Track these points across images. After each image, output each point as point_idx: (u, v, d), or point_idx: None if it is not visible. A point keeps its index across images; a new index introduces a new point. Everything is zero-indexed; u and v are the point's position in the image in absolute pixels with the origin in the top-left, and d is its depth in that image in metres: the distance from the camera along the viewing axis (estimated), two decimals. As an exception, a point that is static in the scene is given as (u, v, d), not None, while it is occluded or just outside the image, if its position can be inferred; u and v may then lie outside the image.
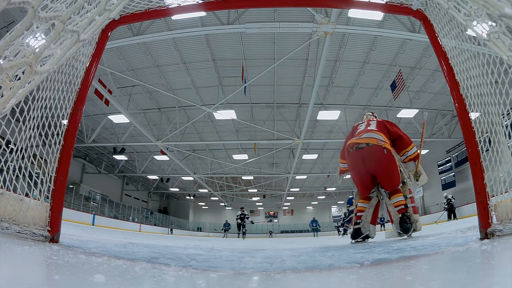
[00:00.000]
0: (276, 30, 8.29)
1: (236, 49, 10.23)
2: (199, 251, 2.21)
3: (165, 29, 8.59)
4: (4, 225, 1.20)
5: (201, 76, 11.64)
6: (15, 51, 1.04)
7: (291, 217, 36.78)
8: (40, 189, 1.44)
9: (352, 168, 3.30)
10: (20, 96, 1.05)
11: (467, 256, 1.06)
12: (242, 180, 25.90)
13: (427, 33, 1.87)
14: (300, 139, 13.20)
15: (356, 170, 3.25)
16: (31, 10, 0.81)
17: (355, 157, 3.14)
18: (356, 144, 3.14)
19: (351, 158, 3.22)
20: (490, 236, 1.33)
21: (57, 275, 0.83)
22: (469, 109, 1.61)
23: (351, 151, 3.17)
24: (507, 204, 1.33)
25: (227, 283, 0.96)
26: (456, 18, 1.40)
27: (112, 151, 16.92)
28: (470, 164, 1.53)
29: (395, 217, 3.14)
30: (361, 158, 3.09)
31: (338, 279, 0.92)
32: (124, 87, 12.23)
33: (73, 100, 1.67)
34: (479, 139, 1.53)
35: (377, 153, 3.02)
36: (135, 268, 1.07)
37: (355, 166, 3.22)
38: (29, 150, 1.40)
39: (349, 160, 3.28)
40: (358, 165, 3.18)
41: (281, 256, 1.91)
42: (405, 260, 1.27)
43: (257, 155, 17.46)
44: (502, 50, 1.10)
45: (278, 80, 11.79)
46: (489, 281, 0.70)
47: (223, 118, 13.19)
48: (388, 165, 3.07)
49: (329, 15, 7.09)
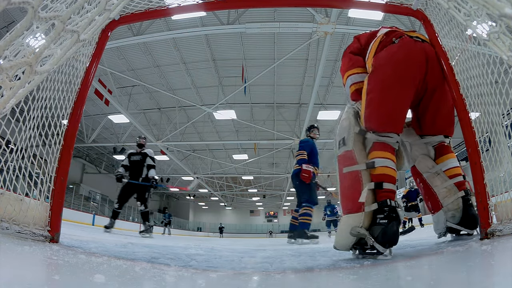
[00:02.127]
0: (276, 30, 8.30)
1: (236, 49, 10.23)
2: (199, 251, 2.21)
3: (165, 29, 8.59)
4: (4, 225, 1.20)
5: (201, 76, 11.64)
6: (15, 51, 1.04)
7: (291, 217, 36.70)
8: (40, 189, 1.44)
9: (401, 63, 1.60)
10: (20, 96, 1.05)
11: (467, 256, 1.06)
12: (242, 180, 25.89)
13: (427, 33, 1.87)
14: (300, 139, 13.19)
15: (409, 69, 1.60)
16: (31, 10, 0.81)
17: (415, 49, 1.63)
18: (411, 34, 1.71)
19: (406, 49, 1.62)
20: (490, 236, 1.33)
21: (57, 275, 0.83)
22: (469, 109, 1.61)
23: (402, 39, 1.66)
24: (507, 204, 1.33)
25: (227, 283, 0.96)
26: (456, 18, 1.41)
27: (112, 151, 16.92)
28: (470, 164, 1.53)
29: (449, 197, 1.64)
30: (424, 53, 1.64)
31: (338, 279, 0.92)
32: (124, 87, 12.23)
33: (73, 100, 1.67)
34: (479, 139, 1.53)
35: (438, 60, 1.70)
36: (135, 268, 1.07)
37: (410, 61, 1.61)
38: (29, 150, 1.40)
39: (399, 52, 1.62)
40: (416, 63, 1.62)
41: (281, 256, 1.91)
42: (405, 260, 1.27)
43: (257, 155, 17.46)
44: (502, 50, 1.10)
45: (278, 80, 11.79)
46: (489, 281, 0.70)
47: (223, 118, 13.19)
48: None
49: (329, 15, 7.10)
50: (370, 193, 1.49)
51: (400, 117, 1.64)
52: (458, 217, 1.59)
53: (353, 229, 1.46)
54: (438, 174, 1.69)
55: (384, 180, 1.50)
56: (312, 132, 4.90)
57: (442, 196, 1.66)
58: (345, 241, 1.52)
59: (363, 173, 1.55)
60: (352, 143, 1.65)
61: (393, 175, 1.54)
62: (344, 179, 1.62)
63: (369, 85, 1.66)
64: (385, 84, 1.60)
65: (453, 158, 1.74)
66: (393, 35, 1.71)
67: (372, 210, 1.46)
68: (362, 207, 1.47)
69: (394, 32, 1.74)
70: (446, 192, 1.65)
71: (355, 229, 1.45)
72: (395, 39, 1.67)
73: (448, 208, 1.63)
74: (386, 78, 1.60)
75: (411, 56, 1.61)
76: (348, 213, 1.53)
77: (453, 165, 1.71)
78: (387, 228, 1.38)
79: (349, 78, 1.89)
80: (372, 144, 1.63)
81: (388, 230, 1.37)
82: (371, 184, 1.51)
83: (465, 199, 1.59)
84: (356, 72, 1.86)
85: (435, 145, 1.77)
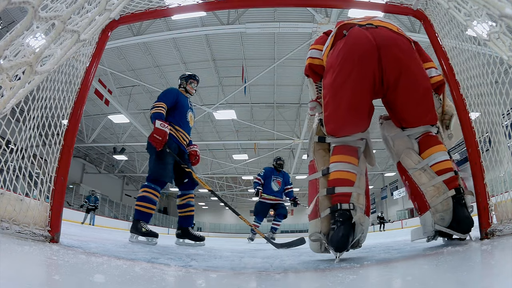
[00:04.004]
0: (276, 30, 8.30)
1: (236, 49, 10.24)
2: (199, 251, 2.21)
3: (165, 29, 8.60)
4: (4, 225, 1.20)
5: (201, 76, 11.55)
6: (15, 51, 1.04)
7: (291, 217, 36.74)
8: (40, 189, 1.44)
9: (347, 58, 1.45)
10: (20, 96, 1.05)
11: (467, 256, 1.06)
12: (242, 180, 25.89)
13: (427, 33, 1.87)
14: (300, 139, 13.20)
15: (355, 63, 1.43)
16: (31, 10, 0.81)
17: (361, 39, 1.45)
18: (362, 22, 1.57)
19: (350, 41, 1.48)
20: (490, 236, 1.33)
21: (57, 275, 0.83)
22: (469, 109, 1.61)
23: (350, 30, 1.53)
24: (507, 204, 1.33)
25: (227, 283, 0.96)
26: (457, 18, 1.41)
27: (112, 151, 16.92)
28: (470, 164, 1.53)
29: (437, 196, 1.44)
30: (373, 40, 1.42)
31: (338, 279, 0.92)
32: (124, 87, 12.24)
33: (73, 100, 1.67)
34: (479, 139, 1.53)
35: (401, 42, 1.48)
36: (135, 268, 1.07)
37: (355, 53, 1.44)
38: (29, 150, 1.40)
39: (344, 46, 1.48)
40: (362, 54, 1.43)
41: (281, 256, 1.91)
42: (405, 260, 1.27)
43: (257, 155, 17.46)
44: (502, 50, 1.10)
45: (278, 80, 11.79)
46: (489, 281, 0.70)
47: (223, 118, 13.19)
48: (420, 69, 1.52)
49: (329, 15, 7.10)
50: (325, 199, 1.49)
51: (358, 115, 1.52)
52: (448, 219, 1.40)
53: (312, 234, 1.50)
54: (424, 171, 1.49)
55: (336, 185, 1.47)
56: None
57: (430, 196, 1.46)
58: (312, 246, 1.56)
59: (320, 181, 1.55)
60: (313, 152, 1.67)
61: (347, 177, 1.47)
62: (308, 188, 1.63)
63: (324, 89, 1.59)
64: (336, 84, 1.48)
65: (441, 151, 1.51)
66: (344, 27, 1.57)
67: (327, 215, 1.46)
68: (318, 213, 1.49)
69: (346, 24, 1.60)
70: (434, 190, 1.45)
71: (314, 235, 1.49)
72: (346, 31, 1.53)
73: (436, 209, 1.44)
74: (336, 77, 1.48)
75: (357, 47, 1.44)
76: (310, 219, 1.55)
77: (441, 159, 1.49)
78: (334, 233, 1.37)
79: (309, 52, 1.77)
80: (332, 148, 1.60)
81: (334, 235, 1.37)
82: (323, 191, 1.51)
83: (456, 198, 1.40)
84: (317, 48, 1.75)
85: (419, 137, 1.58)
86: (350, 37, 1.49)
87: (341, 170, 1.49)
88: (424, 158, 1.52)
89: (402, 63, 1.44)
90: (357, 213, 1.41)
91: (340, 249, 1.35)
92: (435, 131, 1.62)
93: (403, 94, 1.49)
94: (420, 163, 1.52)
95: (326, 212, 1.47)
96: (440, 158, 1.50)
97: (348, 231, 1.36)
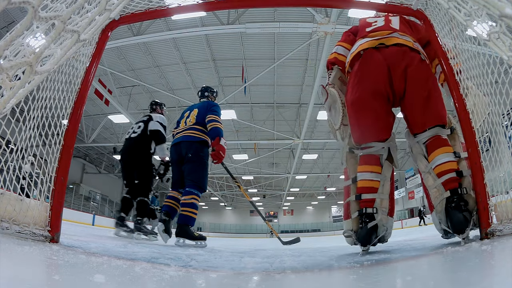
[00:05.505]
0: (276, 30, 8.30)
1: (236, 49, 10.24)
2: (199, 251, 2.21)
3: (165, 29, 8.60)
4: (4, 225, 1.20)
5: (201, 76, 11.64)
6: (15, 51, 1.04)
7: (291, 217, 36.78)
8: (40, 189, 1.44)
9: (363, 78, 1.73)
10: (20, 96, 1.05)
11: (467, 256, 1.06)
12: (242, 180, 25.90)
13: (427, 33, 1.87)
14: (300, 139, 13.21)
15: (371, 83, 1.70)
16: (32, 10, 0.81)
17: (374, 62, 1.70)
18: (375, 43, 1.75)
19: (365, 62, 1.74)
20: (490, 236, 1.33)
21: (57, 275, 0.83)
22: (469, 109, 1.61)
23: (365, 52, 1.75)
24: (507, 204, 1.33)
25: (227, 283, 0.96)
26: (457, 18, 1.40)
27: (112, 151, 16.91)
28: (470, 164, 1.53)
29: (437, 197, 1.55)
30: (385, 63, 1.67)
31: (338, 279, 0.92)
32: (124, 87, 12.24)
33: (73, 100, 1.67)
34: (479, 139, 1.53)
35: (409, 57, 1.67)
36: (135, 268, 1.07)
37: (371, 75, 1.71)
38: (29, 150, 1.40)
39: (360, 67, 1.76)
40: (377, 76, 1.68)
41: (281, 256, 1.91)
42: (405, 260, 1.27)
43: (257, 155, 17.47)
44: (502, 50, 1.10)
45: (278, 80, 11.79)
46: (489, 281, 0.70)
47: (223, 118, 13.18)
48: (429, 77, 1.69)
49: (329, 15, 7.10)
50: (354, 203, 1.75)
51: (376, 127, 1.76)
52: (444, 220, 1.50)
53: (346, 231, 1.79)
54: (430, 174, 1.61)
55: (362, 192, 1.72)
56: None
57: (433, 197, 1.58)
58: (347, 240, 1.85)
59: (351, 187, 1.83)
60: (345, 161, 1.96)
61: (371, 185, 1.71)
62: (344, 192, 1.92)
63: (346, 103, 1.85)
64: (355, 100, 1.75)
65: (443, 153, 1.58)
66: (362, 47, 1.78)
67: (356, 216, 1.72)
68: (349, 215, 1.76)
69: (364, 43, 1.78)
70: (436, 192, 1.55)
71: (347, 232, 1.78)
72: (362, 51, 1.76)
73: (436, 210, 1.55)
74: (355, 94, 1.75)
75: (371, 71, 1.72)
76: (344, 220, 1.87)
77: (442, 160, 1.57)
78: (360, 232, 1.66)
79: (335, 47, 2.08)
80: (359, 158, 1.85)
81: (360, 233, 1.65)
82: (352, 197, 1.78)
83: (449, 200, 1.47)
84: (343, 45, 2.04)
85: (426, 142, 1.69)
86: (365, 61, 1.75)
87: (366, 179, 1.73)
88: (430, 162, 1.64)
89: (408, 75, 1.65)
90: (379, 216, 1.65)
91: (364, 244, 1.63)
92: (446, 132, 1.69)
93: (409, 99, 1.70)
94: (427, 166, 1.65)
95: (355, 214, 1.72)
96: (441, 160, 1.58)
97: (371, 231, 1.63)
